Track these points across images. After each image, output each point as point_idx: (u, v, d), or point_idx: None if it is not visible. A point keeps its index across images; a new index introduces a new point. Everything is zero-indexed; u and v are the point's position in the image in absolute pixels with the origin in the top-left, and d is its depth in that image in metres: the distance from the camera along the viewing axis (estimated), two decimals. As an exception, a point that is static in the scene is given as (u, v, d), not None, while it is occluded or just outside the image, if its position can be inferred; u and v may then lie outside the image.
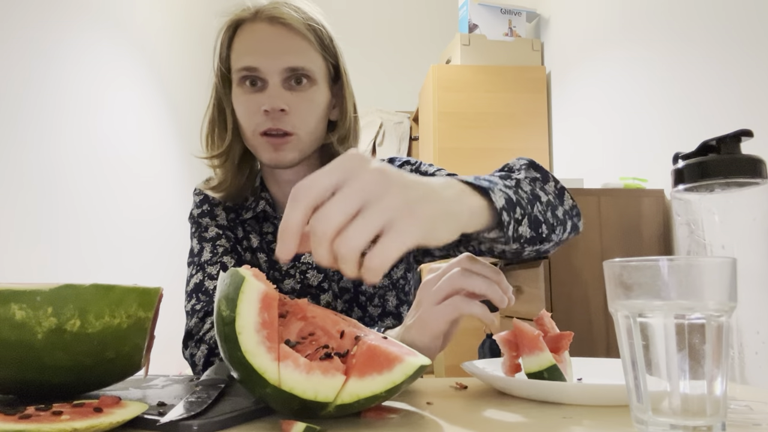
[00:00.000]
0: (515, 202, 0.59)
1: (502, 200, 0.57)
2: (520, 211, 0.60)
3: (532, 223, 0.61)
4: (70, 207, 1.94)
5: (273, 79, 0.84)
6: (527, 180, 0.69)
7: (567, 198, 0.73)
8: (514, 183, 0.65)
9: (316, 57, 0.87)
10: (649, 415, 0.40)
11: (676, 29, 1.95)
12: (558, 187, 0.73)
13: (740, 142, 0.50)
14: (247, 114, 0.86)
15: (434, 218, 0.47)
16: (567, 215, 0.71)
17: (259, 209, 0.94)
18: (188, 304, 0.90)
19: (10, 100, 1.65)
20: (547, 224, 0.64)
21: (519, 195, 0.62)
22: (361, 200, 0.44)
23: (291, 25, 0.85)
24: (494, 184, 0.59)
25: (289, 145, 0.85)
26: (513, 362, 0.66)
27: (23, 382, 0.51)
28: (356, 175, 0.44)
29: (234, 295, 0.46)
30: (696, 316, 0.39)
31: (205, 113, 0.94)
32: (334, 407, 0.44)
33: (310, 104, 0.86)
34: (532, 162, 0.74)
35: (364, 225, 0.43)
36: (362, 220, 0.43)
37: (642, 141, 2.15)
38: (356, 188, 0.44)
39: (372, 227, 0.43)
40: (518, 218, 0.59)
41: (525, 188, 0.65)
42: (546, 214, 0.65)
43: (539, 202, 0.65)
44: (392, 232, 0.44)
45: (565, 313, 1.91)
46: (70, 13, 1.98)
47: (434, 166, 0.93)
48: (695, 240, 0.51)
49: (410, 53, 4.31)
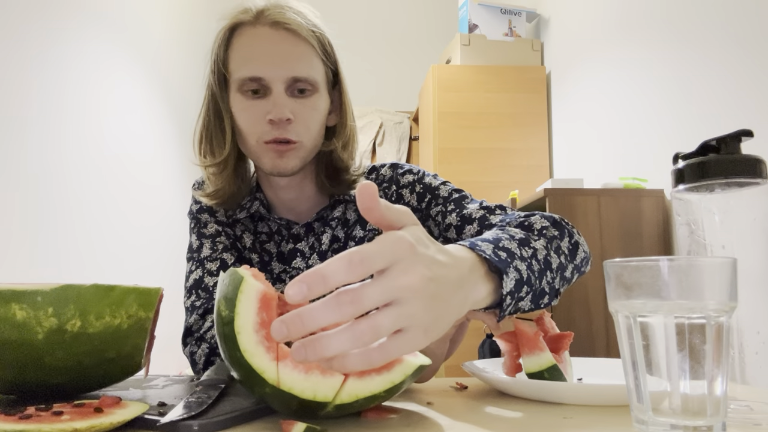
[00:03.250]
0: (524, 281, 0.59)
1: (512, 283, 0.57)
2: (526, 289, 0.60)
3: (535, 297, 0.62)
4: (70, 208, 1.94)
5: (277, 87, 0.82)
6: (544, 244, 0.68)
7: (580, 252, 0.73)
8: (530, 253, 0.64)
9: (319, 64, 0.85)
10: (649, 415, 0.40)
11: (676, 29, 1.95)
12: (572, 242, 0.73)
13: (740, 142, 0.50)
14: (250, 122, 0.84)
15: (444, 326, 0.46)
16: (575, 270, 0.72)
17: (253, 209, 0.93)
18: (188, 300, 0.90)
19: (10, 100, 1.65)
20: (551, 293, 0.65)
21: (531, 269, 0.61)
22: (371, 341, 0.41)
23: (296, 31, 0.82)
24: (511, 258, 0.58)
25: (292, 153, 0.84)
26: (513, 362, 0.66)
27: (24, 382, 0.51)
28: (402, 286, 0.42)
29: (233, 295, 0.46)
30: (696, 316, 0.39)
31: (198, 116, 0.90)
32: (333, 407, 0.44)
33: (314, 112, 0.85)
34: (553, 219, 0.74)
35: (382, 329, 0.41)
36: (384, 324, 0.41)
37: (642, 141, 2.15)
38: (400, 312, 0.41)
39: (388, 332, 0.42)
40: (522, 296, 0.59)
41: (539, 257, 0.65)
42: (554, 282, 0.66)
43: (549, 270, 0.65)
44: (401, 339, 0.42)
45: (565, 313, 1.91)
46: (71, 13, 1.98)
47: (438, 177, 0.92)
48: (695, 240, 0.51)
49: (410, 53, 4.31)
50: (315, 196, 0.94)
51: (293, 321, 0.40)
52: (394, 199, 0.93)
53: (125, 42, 2.43)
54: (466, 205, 0.86)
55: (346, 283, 0.40)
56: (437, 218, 0.88)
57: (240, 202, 0.94)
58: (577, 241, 0.74)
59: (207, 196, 0.91)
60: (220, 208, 0.94)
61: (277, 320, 0.40)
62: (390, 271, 0.42)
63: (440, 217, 0.87)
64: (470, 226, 0.83)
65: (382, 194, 0.94)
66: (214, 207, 0.93)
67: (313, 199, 0.94)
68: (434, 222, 0.89)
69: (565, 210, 1.95)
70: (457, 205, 0.86)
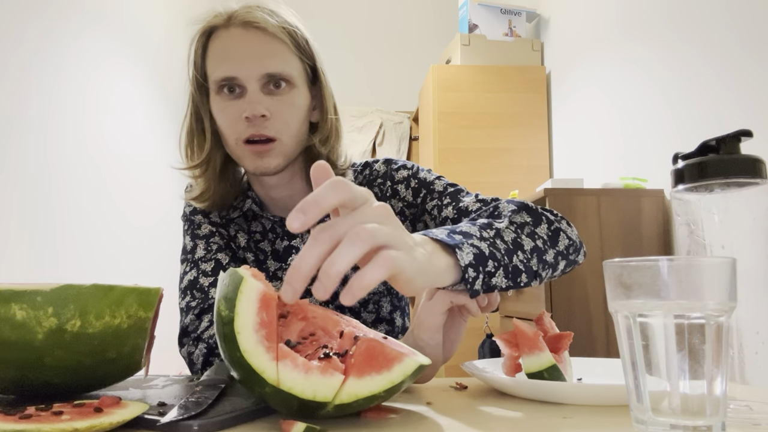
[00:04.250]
0: (487, 256, 0.61)
1: (470, 257, 0.59)
2: (493, 264, 0.61)
3: (508, 273, 0.63)
4: (69, 208, 1.94)
5: (251, 85, 0.83)
6: (512, 227, 0.69)
7: (563, 238, 0.73)
8: (493, 233, 0.66)
9: (293, 60, 0.86)
10: (649, 415, 0.40)
11: (676, 29, 1.95)
12: (552, 229, 0.73)
13: (740, 142, 0.50)
14: (228, 122, 0.85)
15: (418, 268, 0.50)
16: (560, 256, 0.72)
17: (246, 208, 0.94)
18: (182, 301, 0.90)
19: (9, 99, 1.65)
20: (528, 272, 0.66)
21: (495, 247, 0.63)
22: (371, 244, 0.45)
23: (266, 29, 0.84)
24: (467, 238, 0.61)
25: (273, 152, 0.85)
26: (513, 362, 0.66)
27: (24, 382, 0.51)
28: (365, 213, 0.47)
29: (233, 295, 0.46)
30: (696, 316, 0.39)
31: (183, 123, 0.92)
32: (333, 407, 0.44)
33: (291, 108, 0.86)
34: (525, 205, 0.75)
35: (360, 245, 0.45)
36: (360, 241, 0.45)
37: (642, 141, 2.15)
38: (367, 233, 0.45)
39: (366, 248, 0.45)
40: (490, 271, 0.61)
41: (506, 238, 0.66)
42: (530, 262, 0.67)
43: (521, 251, 0.67)
44: (392, 250, 0.46)
45: (565, 313, 1.91)
46: (70, 12, 1.98)
47: (433, 172, 0.93)
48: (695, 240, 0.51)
49: (410, 53, 4.31)
50: (307, 192, 0.94)
51: (291, 274, 0.44)
52: (389, 195, 0.93)
53: (125, 41, 2.43)
54: (462, 199, 0.86)
55: (334, 204, 0.45)
56: (433, 212, 0.88)
57: (230, 204, 0.95)
58: (558, 228, 0.74)
59: (195, 199, 0.93)
60: (214, 210, 0.95)
61: (282, 288, 0.45)
62: (359, 207, 0.47)
63: (436, 211, 0.87)
64: (467, 219, 0.83)
65: (377, 190, 0.94)
66: (205, 209, 0.94)
67: (305, 196, 0.94)
68: (430, 216, 0.89)
69: (565, 210, 1.95)
70: (453, 199, 0.87)
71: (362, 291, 0.43)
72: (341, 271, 0.43)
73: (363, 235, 0.44)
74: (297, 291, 0.44)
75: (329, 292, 0.43)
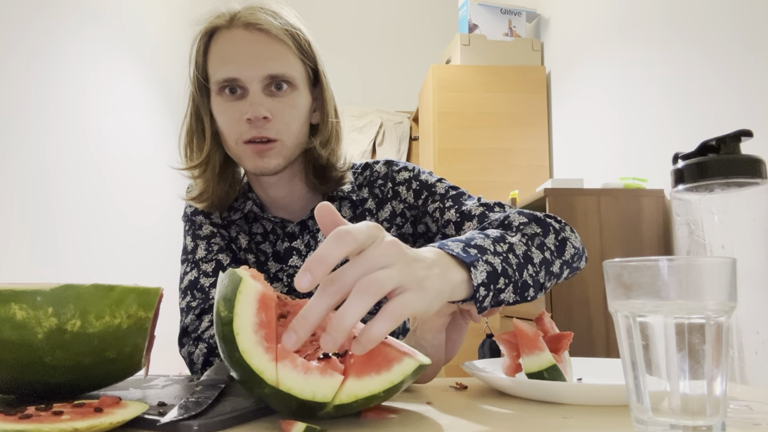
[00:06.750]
0: (500, 273, 0.61)
1: (483, 275, 0.59)
2: (504, 281, 0.61)
3: (517, 289, 0.64)
4: (68, 207, 1.94)
5: (253, 86, 0.83)
6: (523, 240, 0.69)
7: (569, 248, 0.74)
8: (506, 248, 0.66)
9: (296, 62, 0.86)
10: (649, 415, 0.40)
11: (676, 29, 1.95)
12: (559, 239, 0.74)
13: (740, 142, 0.50)
14: (229, 123, 0.85)
15: (436, 287, 0.50)
16: (565, 265, 0.73)
17: (246, 209, 0.93)
18: (183, 301, 0.90)
19: (9, 99, 1.65)
20: (536, 285, 0.66)
21: (507, 263, 0.63)
22: (379, 296, 0.45)
23: (269, 30, 0.83)
24: (482, 253, 0.61)
25: (273, 152, 0.84)
26: (513, 362, 0.66)
27: (24, 382, 0.51)
28: (372, 258, 0.46)
29: (232, 295, 0.46)
30: (696, 316, 0.39)
31: (182, 123, 0.92)
32: (333, 407, 0.44)
33: (292, 109, 0.85)
34: (535, 217, 0.75)
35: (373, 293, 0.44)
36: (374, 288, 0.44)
37: (642, 141, 2.15)
38: (375, 285, 0.44)
39: (382, 292, 0.45)
40: (500, 288, 0.61)
41: (518, 251, 0.67)
42: (538, 275, 0.67)
43: (531, 264, 0.67)
44: (403, 294, 0.46)
45: (565, 313, 1.91)
46: (69, 11, 1.98)
47: (434, 175, 0.93)
48: (695, 240, 0.51)
49: (410, 53, 4.30)
50: (307, 194, 0.94)
51: (297, 323, 0.44)
52: (390, 196, 0.93)
53: (124, 41, 2.43)
54: (464, 202, 0.86)
55: (341, 258, 0.44)
56: (435, 215, 0.88)
57: (230, 205, 0.94)
58: (565, 237, 0.74)
59: (194, 200, 0.92)
60: (213, 211, 0.95)
61: (284, 333, 0.44)
62: (366, 251, 0.47)
63: (438, 213, 0.87)
64: (470, 223, 0.83)
65: (377, 191, 0.94)
66: (205, 210, 0.94)
67: (306, 198, 0.94)
68: (432, 218, 0.89)
69: (565, 210, 1.95)
70: (455, 202, 0.87)
71: (372, 344, 0.44)
72: (350, 325, 0.43)
73: (372, 288, 0.44)
74: (300, 339, 0.44)
75: (338, 344, 0.43)
